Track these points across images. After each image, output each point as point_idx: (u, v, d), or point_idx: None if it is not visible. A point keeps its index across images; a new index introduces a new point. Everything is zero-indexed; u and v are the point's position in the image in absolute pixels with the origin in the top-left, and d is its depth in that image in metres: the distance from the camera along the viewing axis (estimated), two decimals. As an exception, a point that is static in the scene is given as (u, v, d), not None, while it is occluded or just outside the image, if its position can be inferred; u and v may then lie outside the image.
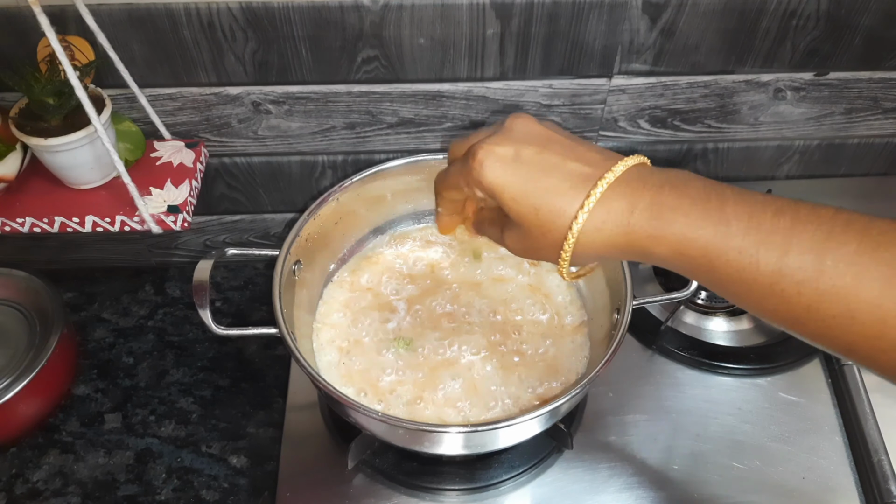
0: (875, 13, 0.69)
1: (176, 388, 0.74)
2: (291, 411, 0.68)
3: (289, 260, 0.63)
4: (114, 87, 0.66)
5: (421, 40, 0.66)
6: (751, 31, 0.69)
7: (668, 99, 0.75)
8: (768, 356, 0.70)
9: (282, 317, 0.58)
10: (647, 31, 0.68)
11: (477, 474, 0.63)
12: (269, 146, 0.74)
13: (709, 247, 0.37)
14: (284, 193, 0.80)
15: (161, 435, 0.70)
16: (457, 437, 0.54)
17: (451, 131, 0.75)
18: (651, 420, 0.66)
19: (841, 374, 0.67)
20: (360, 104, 0.71)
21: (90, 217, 0.64)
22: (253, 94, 0.69)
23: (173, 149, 0.70)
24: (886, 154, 0.85)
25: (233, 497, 0.66)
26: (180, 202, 0.65)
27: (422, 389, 0.63)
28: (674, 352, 0.71)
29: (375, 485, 0.62)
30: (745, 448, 0.64)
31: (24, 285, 0.72)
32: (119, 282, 0.84)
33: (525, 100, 0.73)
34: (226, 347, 0.77)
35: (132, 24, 0.62)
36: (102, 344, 0.78)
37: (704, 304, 0.75)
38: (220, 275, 0.85)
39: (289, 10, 0.62)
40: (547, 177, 0.40)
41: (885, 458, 0.61)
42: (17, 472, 0.68)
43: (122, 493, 0.66)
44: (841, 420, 0.66)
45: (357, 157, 0.77)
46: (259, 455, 0.68)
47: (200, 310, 0.58)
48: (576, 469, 0.63)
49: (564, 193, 0.40)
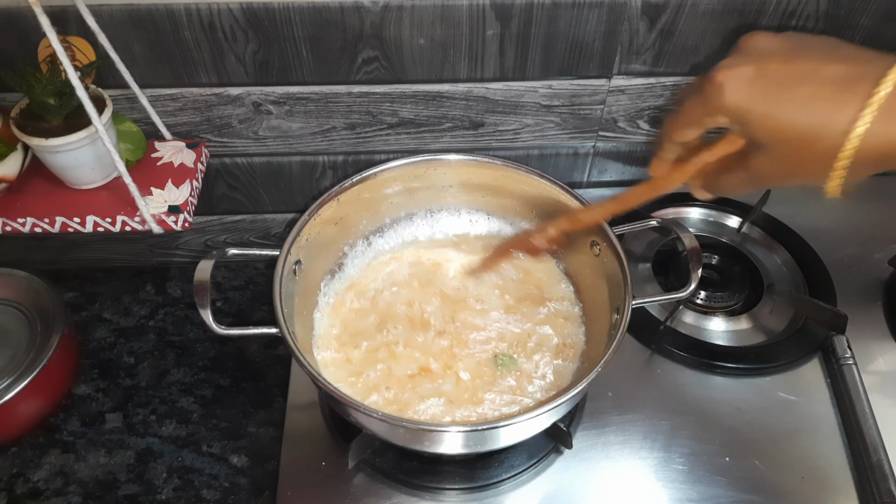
0: (874, 13, 0.69)
1: (177, 387, 0.74)
2: (292, 411, 0.68)
3: (289, 260, 0.63)
4: (115, 88, 0.66)
5: (421, 41, 0.66)
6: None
7: (667, 99, 0.75)
8: (767, 356, 0.70)
9: (282, 316, 0.58)
10: (647, 32, 0.68)
11: (477, 473, 0.63)
12: (270, 146, 0.75)
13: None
14: (285, 194, 0.80)
15: (162, 434, 0.70)
16: (457, 436, 0.54)
17: (451, 131, 0.75)
18: (650, 420, 0.66)
19: (840, 373, 0.68)
20: (360, 104, 0.71)
21: (91, 217, 0.64)
22: (253, 94, 0.69)
23: (174, 149, 0.70)
24: (886, 154, 0.85)
25: (233, 496, 0.66)
26: (181, 202, 0.66)
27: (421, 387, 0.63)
28: (673, 351, 0.71)
29: (376, 484, 0.62)
30: (744, 448, 0.64)
31: (25, 285, 0.72)
32: (120, 282, 0.84)
33: (525, 100, 0.73)
34: (226, 347, 0.78)
35: (133, 25, 0.62)
36: (103, 344, 0.78)
37: (704, 304, 0.75)
38: (220, 275, 0.85)
39: (289, 10, 0.62)
40: (802, 85, 0.37)
41: (884, 458, 0.61)
42: (18, 471, 0.68)
43: (123, 492, 0.66)
44: (840, 420, 0.66)
45: (357, 157, 0.77)
46: (260, 454, 0.69)
47: (201, 309, 0.58)
48: (575, 469, 0.63)
49: (830, 98, 0.36)
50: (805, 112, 0.37)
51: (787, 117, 0.37)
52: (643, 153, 0.81)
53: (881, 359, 0.70)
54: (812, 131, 0.36)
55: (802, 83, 0.37)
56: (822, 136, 0.36)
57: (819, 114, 0.36)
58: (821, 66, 0.37)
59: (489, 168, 0.72)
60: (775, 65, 0.38)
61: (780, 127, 0.37)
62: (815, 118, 0.36)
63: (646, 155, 0.82)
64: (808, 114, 0.36)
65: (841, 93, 0.36)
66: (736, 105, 0.38)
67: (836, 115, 0.36)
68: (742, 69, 0.39)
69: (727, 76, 0.39)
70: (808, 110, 0.37)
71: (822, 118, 0.36)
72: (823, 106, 0.36)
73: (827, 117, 0.36)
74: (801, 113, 0.37)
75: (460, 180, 0.74)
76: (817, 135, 0.36)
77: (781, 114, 0.37)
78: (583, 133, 0.78)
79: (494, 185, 0.73)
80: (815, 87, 0.37)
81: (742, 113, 0.38)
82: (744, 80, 0.38)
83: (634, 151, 0.81)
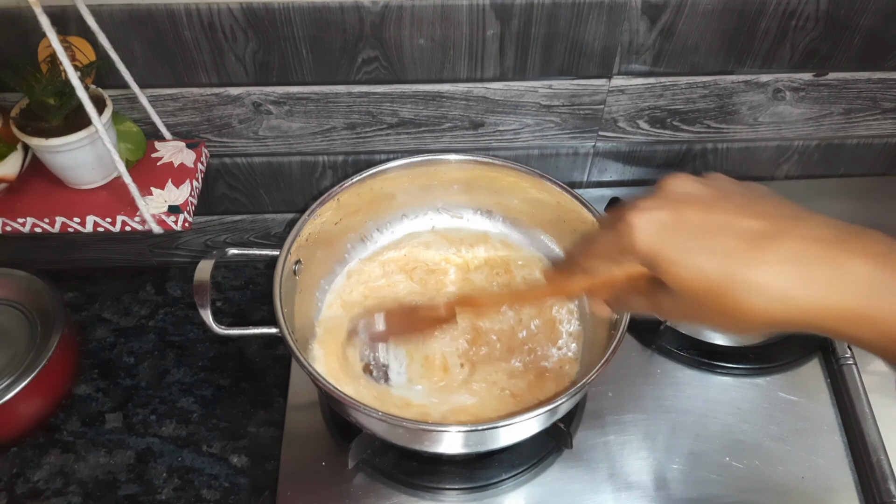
0: (874, 13, 0.69)
1: (177, 387, 0.74)
2: (292, 411, 0.68)
3: (289, 260, 0.63)
4: (115, 88, 0.66)
5: (421, 41, 0.66)
6: (750, 32, 0.69)
7: (667, 99, 0.75)
8: (767, 356, 0.70)
9: (282, 316, 0.58)
10: (647, 32, 0.68)
11: (477, 473, 0.63)
12: (270, 146, 0.75)
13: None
14: (285, 194, 0.80)
15: (162, 434, 0.70)
16: (457, 436, 0.54)
17: (451, 131, 0.75)
18: (650, 420, 0.66)
19: (840, 373, 0.68)
20: (360, 105, 0.71)
21: (91, 217, 0.64)
22: (253, 94, 0.69)
23: (174, 149, 0.70)
24: (885, 154, 0.85)
25: (233, 496, 0.66)
26: (181, 202, 0.66)
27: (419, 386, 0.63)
28: (673, 351, 0.71)
29: (376, 484, 0.62)
30: (744, 448, 0.64)
31: (25, 285, 0.72)
32: (120, 282, 0.84)
33: (525, 100, 0.73)
34: (226, 347, 0.78)
35: (133, 25, 0.62)
36: (103, 344, 0.78)
37: (704, 303, 0.75)
38: (220, 275, 0.85)
39: (289, 10, 0.62)
40: (714, 237, 0.36)
41: (884, 458, 0.61)
42: (18, 471, 0.68)
43: (123, 492, 0.66)
44: (840, 420, 0.66)
45: (357, 157, 0.77)
46: (260, 454, 0.69)
47: (201, 309, 0.58)
48: (575, 468, 0.63)
49: (739, 254, 0.35)
50: (713, 264, 0.35)
51: (694, 267, 0.36)
52: (643, 153, 0.81)
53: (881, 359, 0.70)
54: (718, 285, 0.35)
55: (716, 235, 0.36)
56: (728, 290, 0.35)
57: (726, 267, 0.35)
58: (736, 219, 0.36)
59: (489, 168, 0.72)
60: (692, 212, 0.37)
61: (687, 276, 0.36)
62: (722, 272, 0.35)
63: (646, 155, 0.82)
64: (716, 266, 0.35)
65: (750, 250, 0.35)
66: (647, 248, 0.37)
67: (742, 271, 0.35)
68: (657, 213, 0.38)
69: (641, 219, 0.38)
70: (716, 263, 0.35)
71: (728, 272, 0.35)
72: (731, 260, 0.35)
73: (731, 272, 0.35)
74: (709, 265, 0.35)
75: (460, 180, 0.74)
76: (724, 288, 0.35)
77: (690, 263, 0.36)
78: (583, 133, 0.78)
79: (495, 186, 0.73)
80: (728, 240, 0.36)
81: (652, 257, 0.37)
82: (657, 225, 0.37)
83: (634, 151, 0.81)
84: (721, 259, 0.35)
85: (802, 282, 0.34)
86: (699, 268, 0.36)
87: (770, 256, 0.34)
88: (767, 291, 0.34)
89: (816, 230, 0.35)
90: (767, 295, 0.34)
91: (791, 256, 0.34)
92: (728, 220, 0.36)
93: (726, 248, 0.35)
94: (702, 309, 0.37)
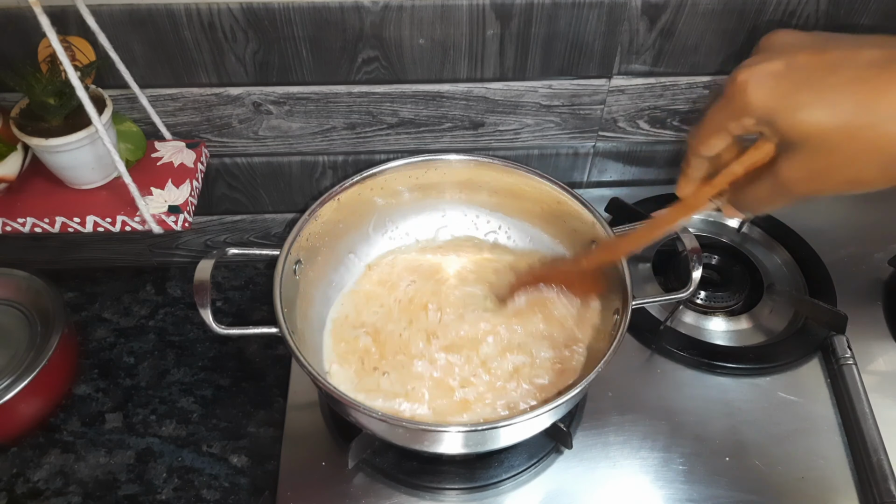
0: (875, 13, 0.69)
1: (177, 387, 0.74)
2: (292, 411, 0.68)
3: (289, 259, 0.63)
4: (115, 88, 0.66)
5: (421, 41, 0.66)
6: (750, 32, 0.69)
7: (667, 99, 0.75)
8: (767, 356, 0.70)
9: (282, 316, 0.58)
10: (647, 32, 0.68)
11: (477, 474, 0.63)
12: (270, 146, 0.75)
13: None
14: (285, 194, 0.80)
15: (162, 434, 0.70)
16: (457, 436, 0.54)
17: (451, 131, 0.75)
18: (650, 420, 0.66)
19: (840, 373, 0.68)
20: (360, 105, 0.71)
21: (91, 217, 0.64)
22: (253, 94, 0.69)
23: (174, 149, 0.70)
24: (886, 154, 0.85)
25: (233, 496, 0.66)
26: (181, 202, 0.66)
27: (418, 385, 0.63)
28: (673, 352, 0.71)
29: (376, 484, 0.62)
30: (744, 448, 0.64)
31: (24, 285, 0.72)
32: (120, 282, 0.84)
33: (525, 100, 0.73)
34: (226, 347, 0.78)
35: (133, 25, 0.62)
36: (103, 344, 0.78)
37: (704, 304, 0.75)
38: (220, 274, 0.85)
39: (289, 10, 0.62)
40: (838, 71, 0.34)
41: (885, 458, 0.61)
42: (18, 471, 0.68)
43: (123, 492, 0.66)
44: (840, 420, 0.66)
45: (357, 157, 0.77)
46: (260, 454, 0.69)
47: (201, 309, 0.58)
48: (575, 469, 0.63)
49: (872, 80, 0.32)
50: (844, 98, 0.33)
51: (824, 107, 0.33)
52: (643, 153, 0.81)
53: (881, 359, 0.70)
54: (855, 119, 0.33)
55: (838, 70, 0.34)
56: (867, 123, 0.32)
57: (858, 98, 0.33)
58: (856, 52, 0.34)
59: (489, 168, 0.72)
60: (804, 57, 0.35)
61: (816, 120, 0.33)
62: (857, 103, 0.33)
63: (646, 155, 0.82)
64: (849, 100, 0.33)
65: (881, 74, 0.32)
66: (763, 103, 0.35)
67: (877, 97, 0.32)
68: (768, 65, 0.36)
69: (751, 73, 0.36)
70: (848, 96, 0.33)
71: (862, 101, 0.32)
72: (863, 89, 0.33)
73: (868, 100, 0.32)
74: (841, 100, 0.33)
75: (460, 180, 0.74)
76: (861, 122, 0.32)
77: (817, 104, 0.33)
78: (583, 133, 0.78)
79: (495, 185, 0.73)
80: (853, 72, 0.33)
81: (770, 110, 0.35)
82: (770, 76, 0.35)
83: (634, 151, 0.81)
84: (851, 91, 0.33)
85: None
86: (830, 105, 0.33)
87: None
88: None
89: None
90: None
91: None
92: (845, 55, 0.34)
93: (854, 78, 0.33)
94: (836, 158, 0.34)
